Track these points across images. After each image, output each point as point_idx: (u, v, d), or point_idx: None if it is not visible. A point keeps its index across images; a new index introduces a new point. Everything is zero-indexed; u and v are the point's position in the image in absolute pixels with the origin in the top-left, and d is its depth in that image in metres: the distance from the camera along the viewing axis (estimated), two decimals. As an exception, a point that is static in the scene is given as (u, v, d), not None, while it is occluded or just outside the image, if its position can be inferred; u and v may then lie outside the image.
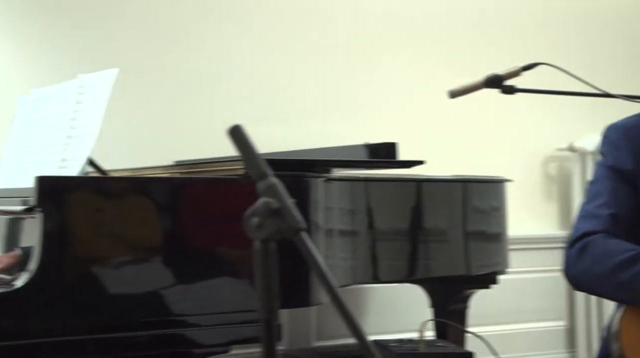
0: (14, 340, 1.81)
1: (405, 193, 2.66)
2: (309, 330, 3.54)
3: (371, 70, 3.84)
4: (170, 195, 2.04)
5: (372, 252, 2.50)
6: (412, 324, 3.17)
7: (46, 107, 2.37)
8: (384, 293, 3.68)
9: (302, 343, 3.50)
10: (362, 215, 2.48)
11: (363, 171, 2.68)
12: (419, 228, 2.67)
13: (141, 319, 1.94)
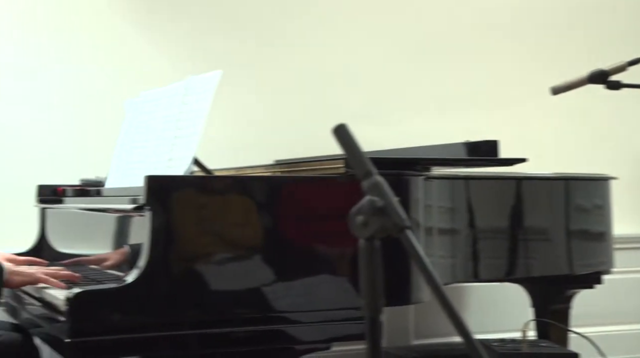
0: (123, 334, 1.86)
1: (505, 191, 2.62)
2: (408, 328, 3.53)
3: (470, 69, 3.80)
4: (270, 193, 2.06)
5: (472, 251, 2.47)
6: (512, 324, 3.13)
7: (153, 108, 2.43)
8: (483, 292, 3.63)
9: (400, 341, 3.49)
10: (462, 213, 2.46)
11: (462, 169, 2.66)
12: (520, 227, 2.63)
13: (243, 315, 1.97)
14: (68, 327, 1.82)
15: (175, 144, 2.22)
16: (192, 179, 2.10)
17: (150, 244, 1.90)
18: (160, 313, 1.89)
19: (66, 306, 1.83)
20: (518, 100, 3.80)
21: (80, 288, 1.86)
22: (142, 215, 1.97)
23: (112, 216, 2.29)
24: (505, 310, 3.55)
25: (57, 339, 1.91)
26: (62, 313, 1.90)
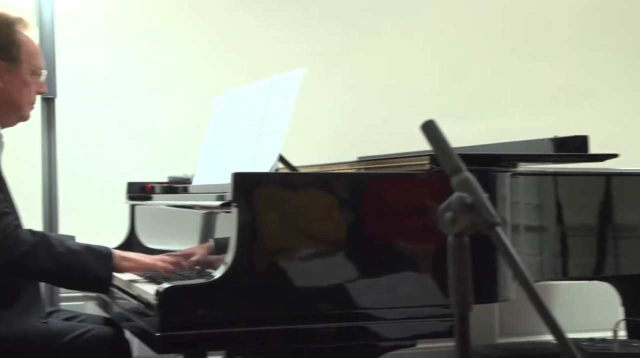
0: (210, 329, 1.88)
1: (595, 188, 2.55)
2: (493, 326, 3.49)
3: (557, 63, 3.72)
4: (354, 190, 2.05)
5: (560, 248, 2.42)
6: (602, 323, 3.05)
7: (239, 106, 2.46)
8: (572, 290, 3.56)
9: (485, 339, 3.45)
10: (550, 210, 2.41)
11: (550, 166, 2.60)
12: (609, 224, 2.56)
13: (327, 311, 1.97)
14: (157, 321, 1.85)
15: (261, 142, 2.24)
16: (277, 175, 2.12)
17: (237, 240, 1.92)
18: (246, 308, 1.91)
19: (156, 300, 1.86)
20: (607, 94, 3.70)
21: (169, 283, 1.89)
22: (229, 212, 1.99)
23: (199, 212, 2.33)
24: (594, 309, 3.47)
25: (146, 333, 1.95)
26: (151, 307, 1.93)
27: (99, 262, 2.13)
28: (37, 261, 2.04)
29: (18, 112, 2.26)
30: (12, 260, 2.01)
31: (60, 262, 2.07)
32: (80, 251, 2.11)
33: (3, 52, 2.20)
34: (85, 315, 2.47)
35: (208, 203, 2.23)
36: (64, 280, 2.19)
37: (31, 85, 2.27)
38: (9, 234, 2.01)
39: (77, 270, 2.10)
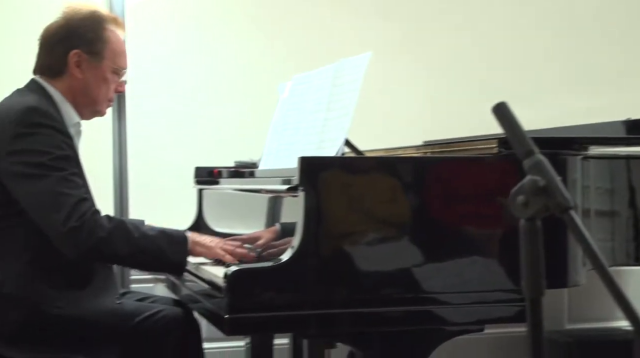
0: (277, 311, 1.89)
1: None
2: (562, 312, 3.44)
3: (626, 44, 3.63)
4: (418, 174, 2.04)
5: (632, 233, 2.36)
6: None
7: (305, 91, 2.46)
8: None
9: (554, 325, 3.40)
10: (622, 194, 2.35)
11: (621, 148, 2.54)
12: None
13: (393, 295, 1.96)
14: (226, 303, 1.87)
15: (327, 126, 2.24)
16: (344, 159, 2.11)
17: (304, 224, 1.93)
18: (312, 291, 1.91)
19: (224, 283, 1.88)
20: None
21: (237, 267, 1.90)
22: (295, 196, 2.00)
23: (265, 196, 2.34)
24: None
25: (215, 314, 1.97)
26: (220, 290, 1.96)
27: (173, 246, 2.16)
28: (114, 246, 2.08)
29: (94, 106, 2.31)
30: (90, 246, 2.06)
31: (135, 247, 2.11)
32: (155, 236, 2.14)
33: (88, 45, 2.26)
34: (155, 297, 2.52)
35: (274, 188, 2.24)
36: (139, 264, 2.24)
37: (110, 82, 2.31)
38: (88, 220, 2.06)
39: (152, 255, 2.14)
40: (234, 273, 1.87)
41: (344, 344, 2.07)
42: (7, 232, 2.12)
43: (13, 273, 2.10)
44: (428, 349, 2.02)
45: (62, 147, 2.12)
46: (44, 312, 2.11)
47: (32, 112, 2.12)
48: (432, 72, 3.52)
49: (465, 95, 3.47)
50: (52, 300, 2.12)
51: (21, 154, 2.09)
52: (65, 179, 2.08)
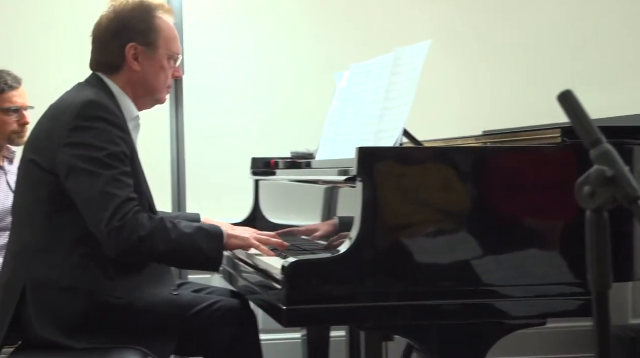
0: (335, 303, 1.89)
1: None
2: (626, 306, 3.37)
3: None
4: (478, 164, 2.02)
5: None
6: None
7: (363, 80, 2.45)
8: None
9: (618, 319, 3.34)
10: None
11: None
12: None
13: (452, 288, 1.95)
14: (284, 294, 1.87)
15: (385, 116, 2.22)
16: (402, 150, 2.10)
17: (362, 215, 1.92)
18: (370, 283, 1.91)
19: (282, 275, 1.89)
20: None
21: (295, 258, 1.91)
22: (353, 187, 1.99)
23: (322, 187, 2.34)
24: None
25: (273, 306, 1.98)
26: (277, 281, 1.96)
27: (210, 243, 2.18)
28: (154, 245, 2.11)
29: (154, 95, 2.34)
30: (131, 245, 2.09)
31: (174, 245, 2.13)
32: (192, 234, 2.17)
33: (142, 37, 2.27)
34: (212, 288, 2.54)
35: (331, 179, 2.24)
36: (177, 262, 2.27)
37: (168, 69, 2.33)
38: (130, 220, 2.09)
39: (190, 253, 2.16)
40: (292, 265, 1.88)
41: (401, 337, 2.06)
42: (61, 224, 2.16)
43: (69, 265, 2.14)
44: (488, 343, 2.00)
45: (117, 143, 2.14)
46: (103, 302, 2.14)
47: (92, 105, 2.16)
48: (492, 60, 3.48)
49: (526, 83, 3.42)
50: (109, 291, 2.16)
51: (77, 147, 2.12)
52: (115, 179, 2.11)
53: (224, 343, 2.29)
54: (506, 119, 3.08)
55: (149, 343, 2.17)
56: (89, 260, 2.16)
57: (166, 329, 2.21)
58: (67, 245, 2.15)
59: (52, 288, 2.13)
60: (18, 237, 2.22)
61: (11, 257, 2.22)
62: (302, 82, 3.57)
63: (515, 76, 3.49)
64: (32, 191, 2.19)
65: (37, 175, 2.18)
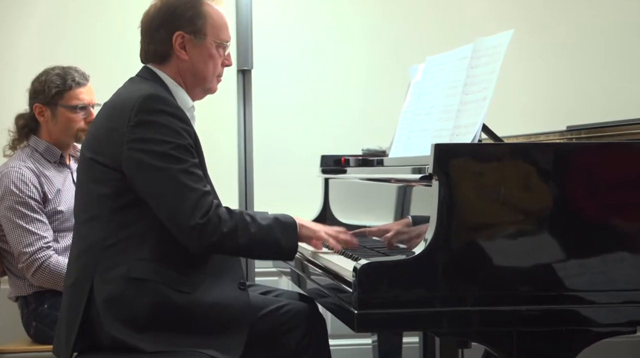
0: (407, 308, 1.89)
1: None
2: None
3: None
4: (561, 162, 1.98)
5: None
6: None
7: (439, 73, 2.44)
8: None
9: None
10: None
11: None
12: None
13: (531, 293, 1.93)
14: (355, 298, 1.88)
15: (463, 110, 2.21)
16: (481, 146, 2.08)
17: (438, 215, 1.91)
18: (446, 287, 1.90)
19: (353, 277, 1.89)
20: None
21: (367, 260, 1.91)
22: (428, 186, 1.98)
23: (395, 186, 2.34)
24: None
25: (343, 309, 1.98)
26: (348, 284, 1.97)
27: (285, 234, 2.24)
28: (236, 241, 2.17)
29: (203, 84, 2.36)
30: (214, 242, 2.14)
31: (254, 239, 2.19)
32: (270, 226, 2.22)
33: (189, 25, 2.30)
34: (280, 291, 2.56)
35: (405, 177, 2.24)
36: (256, 254, 2.33)
37: (217, 57, 2.35)
38: (212, 216, 2.13)
39: (268, 245, 2.22)
40: (364, 267, 1.88)
41: (479, 343, 2.04)
42: (127, 220, 2.20)
43: (138, 259, 2.18)
44: (572, 351, 1.98)
45: (182, 135, 2.18)
46: (171, 295, 2.18)
47: (152, 99, 2.19)
48: (577, 50, 3.42)
49: (614, 74, 3.35)
50: (178, 284, 2.19)
51: (142, 142, 2.15)
52: (187, 172, 2.15)
53: (292, 348, 2.30)
54: (592, 113, 3.02)
55: (217, 342, 2.19)
56: (157, 253, 2.19)
57: (235, 326, 2.23)
58: (135, 240, 2.19)
59: (120, 281, 2.17)
60: (82, 236, 2.27)
61: (76, 257, 2.27)
62: (375, 76, 3.56)
63: (602, 67, 3.42)
64: (94, 189, 2.23)
65: (100, 172, 2.22)
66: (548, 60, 3.42)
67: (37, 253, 2.87)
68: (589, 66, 3.46)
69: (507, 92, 2.81)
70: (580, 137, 2.35)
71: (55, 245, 2.93)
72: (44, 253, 2.87)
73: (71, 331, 2.21)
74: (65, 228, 2.95)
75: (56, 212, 2.96)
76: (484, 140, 2.24)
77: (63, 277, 2.71)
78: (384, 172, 2.56)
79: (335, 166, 2.98)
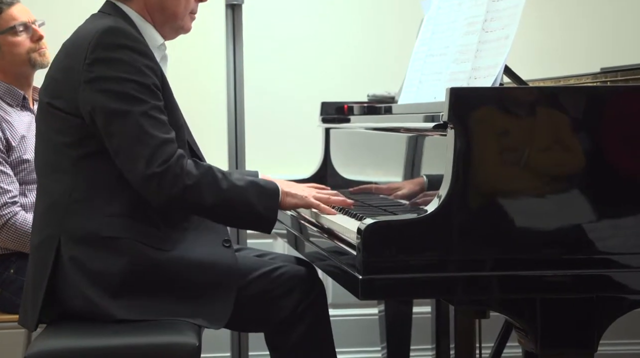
0: (418, 273, 1.89)
1: None
2: None
3: None
4: (593, 107, 1.98)
5: None
6: None
7: (455, 9, 2.43)
8: None
9: None
10: None
11: None
12: None
13: (556, 256, 1.93)
14: (360, 261, 1.88)
15: (482, 50, 2.20)
16: (502, 91, 2.06)
17: (453, 169, 1.91)
18: (462, 249, 1.90)
19: (358, 238, 1.89)
20: None
21: (373, 219, 1.91)
22: (443, 135, 1.98)
23: (405, 136, 2.34)
24: None
25: (346, 274, 1.99)
26: (352, 246, 1.97)
27: (263, 200, 2.24)
28: (200, 196, 2.17)
29: (174, 22, 2.36)
30: (174, 194, 2.14)
31: (223, 198, 2.19)
32: (244, 187, 2.22)
33: None
34: (275, 254, 2.57)
35: (416, 126, 2.23)
36: (226, 218, 2.30)
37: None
38: (172, 165, 2.14)
39: (240, 208, 2.22)
40: (369, 226, 1.88)
41: (499, 313, 2.05)
42: (93, 170, 2.21)
43: (109, 214, 2.19)
44: (604, 321, 1.98)
45: (145, 73, 2.18)
46: (148, 254, 2.19)
47: (112, 32, 2.19)
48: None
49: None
50: (156, 241, 2.21)
51: (100, 81, 2.16)
52: (147, 115, 2.15)
53: (287, 315, 2.31)
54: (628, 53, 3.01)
55: (200, 308, 2.21)
56: (130, 208, 2.21)
57: (220, 289, 2.24)
58: (104, 192, 2.21)
59: (91, 240, 2.19)
60: (46, 191, 2.28)
61: (41, 214, 2.29)
62: (382, 11, 3.54)
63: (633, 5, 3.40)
64: (54, 138, 2.24)
65: (59, 119, 2.22)
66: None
67: (1, 209, 2.87)
68: (626, 1, 3.44)
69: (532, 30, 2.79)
70: (616, 79, 2.34)
71: (22, 199, 2.94)
72: (8, 209, 2.87)
73: (37, 298, 2.23)
74: (33, 180, 2.95)
75: (22, 161, 2.95)
76: (505, 84, 2.23)
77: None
78: (393, 121, 2.56)
79: (338, 114, 2.99)
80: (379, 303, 3.11)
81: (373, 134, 2.63)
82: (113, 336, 2.13)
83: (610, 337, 2.08)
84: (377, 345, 3.16)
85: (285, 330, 2.32)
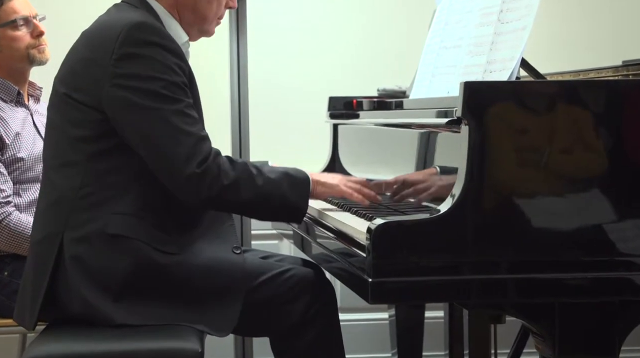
0: (431, 276, 1.89)
1: None
2: None
3: None
4: (615, 102, 1.97)
5: None
6: None
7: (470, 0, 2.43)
8: None
9: None
10: None
11: None
12: None
13: (578, 258, 1.92)
14: (370, 263, 1.88)
15: (497, 42, 2.20)
16: (519, 85, 2.07)
17: (467, 167, 1.91)
18: (476, 251, 1.90)
19: (367, 239, 1.89)
20: None
21: (383, 219, 1.90)
22: (456, 131, 1.98)
23: (416, 133, 2.33)
24: None
25: (355, 277, 1.99)
26: (361, 247, 1.97)
27: (296, 190, 2.26)
28: (238, 195, 2.19)
29: (202, 24, 2.38)
30: (213, 195, 2.16)
31: (260, 195, 2.22)
32: (278, 180, 2.24)
33: None
34: (281, 256, 2.56)
35: (428, 121, 2.23)
36: (260, 213, 2.32)
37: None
38: (210, 165, 2.15)
39: (275, 202, 2.25)
40: (380, 227, 1.88)
41: (515, 318, 2.05)
42: (106, 167, 2.21)
43: (117, 213, 2.19)
44: (625, 327, 1.99)
45: (176, 71, 2.18)
46: (154, 256, 2.19)
47: (142, 28, 2.19)
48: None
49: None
50: (163, 244, 2.21)
51: (129, 78, 2.15)
52: (181, 113, 2.16)
53: (297, 320, 2.30)
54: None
55: (206, 315, 2.21)
56: (140, 209, 2.21)
57: (227, 296, 2.24)
58: (115, 192, 2.21)
59: (95, 238, 2.19)
60: (53, 185, 2.27)
61: (44, 209, 2.28)
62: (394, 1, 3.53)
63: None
64: (69, 130, 2.24)
65: (76, 111, 2.22)
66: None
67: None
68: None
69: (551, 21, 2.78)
70: (638, 73, 2.33)
71: (16, 199, 2.94)
72: (2, 209, 2.87)
73: (37, 296, 2.23)
74: (28, 179, 2.95)
75: (16, 159, 2.95)
76: (522, 77, 2.22)
77: (26, 237, 2.72)
78: (404, 116, 2.55)
79: (346, 110, 2.98)
80: (390, 307, 3.10)
81: (383, 130, 2.63)
82: (113, 341, 2.13)
83: (632, 343, 2.06)
84: (388, 351, 3.15)
85: (294, 336, 2.32)
